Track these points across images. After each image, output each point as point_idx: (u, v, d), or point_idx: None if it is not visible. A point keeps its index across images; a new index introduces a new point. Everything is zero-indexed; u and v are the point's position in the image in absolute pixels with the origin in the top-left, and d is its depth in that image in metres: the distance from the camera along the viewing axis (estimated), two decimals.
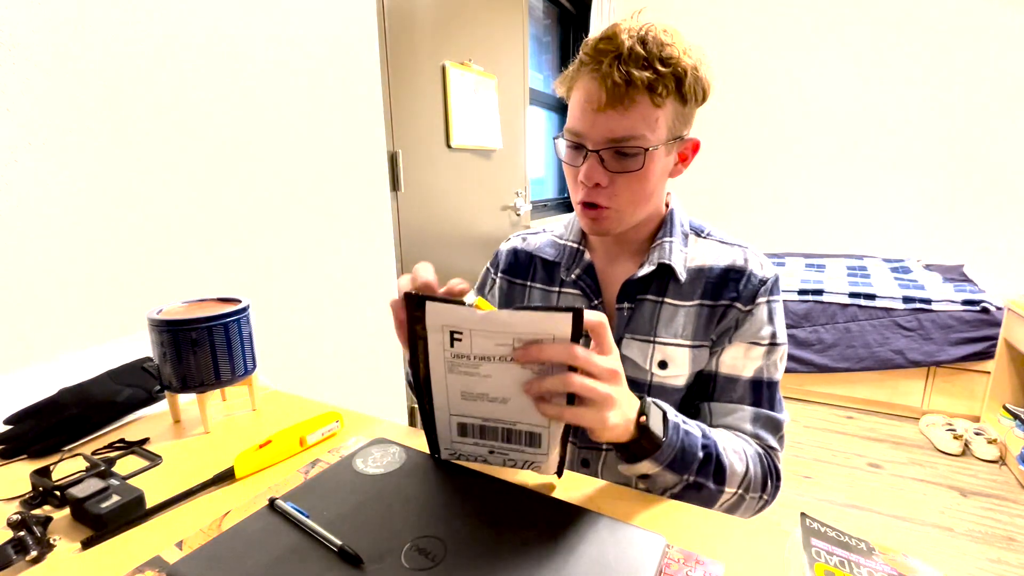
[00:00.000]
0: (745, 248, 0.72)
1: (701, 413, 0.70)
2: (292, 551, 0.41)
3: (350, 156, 1.32)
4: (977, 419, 2.38)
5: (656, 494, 0.61)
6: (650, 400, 0.55)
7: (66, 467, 0.57)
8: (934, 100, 2.95)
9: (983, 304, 2.34)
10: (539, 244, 0.82)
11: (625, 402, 0.50)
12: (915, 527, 1.78)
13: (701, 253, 0.72)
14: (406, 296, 0.44)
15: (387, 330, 1.50)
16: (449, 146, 1.77)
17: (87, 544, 0.45)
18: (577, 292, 0.76)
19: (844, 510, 1.87)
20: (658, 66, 0.59)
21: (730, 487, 0.60)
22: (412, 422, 1.70)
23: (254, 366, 0.70)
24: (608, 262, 0.76)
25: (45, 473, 0.55)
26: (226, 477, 0.54)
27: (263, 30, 1.07)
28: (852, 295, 2.54)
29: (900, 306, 2.45)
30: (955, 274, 2.80)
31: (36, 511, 0.49)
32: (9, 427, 0.63)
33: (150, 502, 0.50)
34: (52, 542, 0.46)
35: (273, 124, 1.11)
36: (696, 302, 0.70)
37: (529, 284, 0.80)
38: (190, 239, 0.97)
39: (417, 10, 1.58)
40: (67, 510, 0.50)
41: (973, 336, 2.34)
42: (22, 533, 0.44)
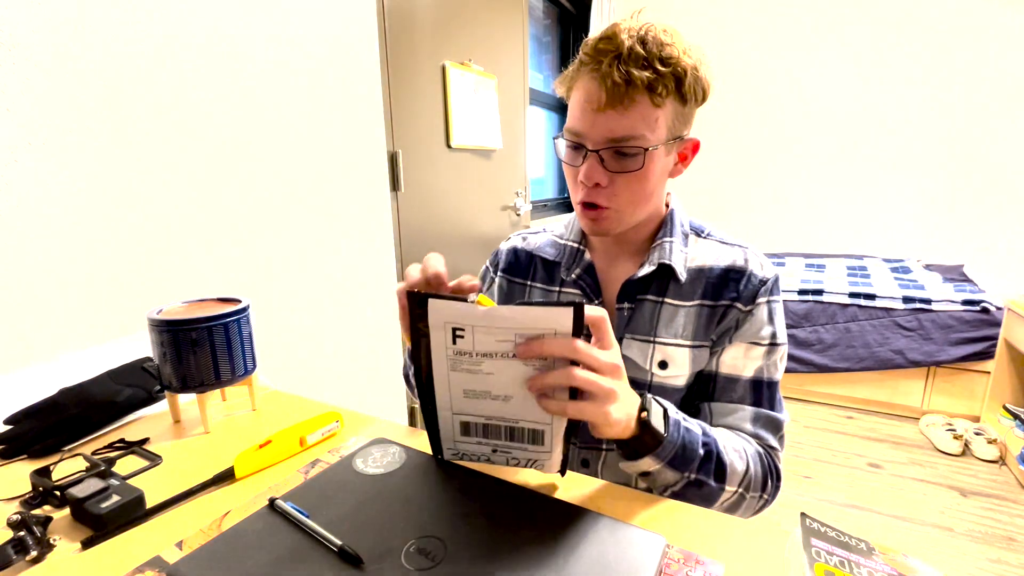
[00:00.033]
0: (745, 248, 0.72)
1: (701, 413, 0.70)
2: (292, 551, 0.41)
3: (350, 156, 1.32)
4: (977, 419, 2.38)
5: (657, 493, 0.61)
6: (651, 397, 0.55)
7: (66, 467, 0.57)
8: (934, 100, 2.95)
9: (983, 304, 2.34)
10: (539, 244, 0.82)
11: (627, 397, 0.50)
12: (915, 527, 1.78)
13: (701, 253, 0.72)
14: (408, 294, 0.44)
15: (387, 330, 1.50)
16: (449, 146, 1.77)
17: (87, 544, 0.45)
18: (577, 292, 0.76)
19: (844, 510, 1.87)
20: (658, 66, 0.59)
21: (730, 486, 0.60)
22: (412, 422, 1.70)
23: (254, 366, 0.70)
24: (608, 262, 0.76)
25: (45, 473, 0.55)
26: (226, 477, 0.54)
27: (263, 30, 1.07)
28: (852, 295, 2.54)
29: (900, 306, 2.45)
30: (955, 274, 2.80)
31: (36, 511, 0.49)
32: (9, 427, 0.63)
33: (150, 502, 0.50)
34: (52, 542, 0.46)
35: (273, 124, 1.11)
36: (696, 302, 0.70)
37: (529, 283, 0.80)
38: (190, 239, 0.97)
39: (417, 10, 1.58)
40: (67, 510, 0.50)
41: (973, 336, 2.34)
42: (22, 533, 0.44)
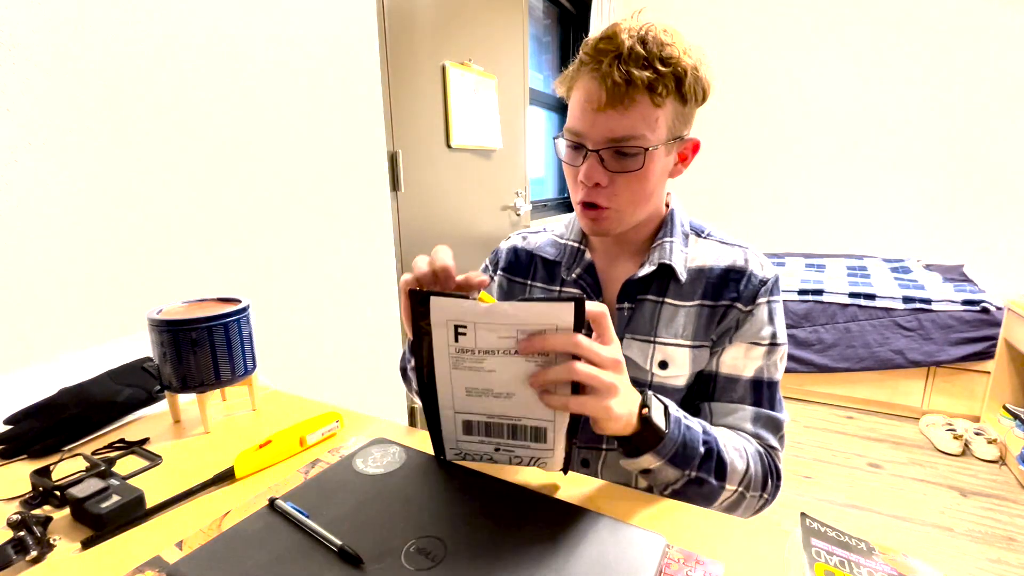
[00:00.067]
0: (745, 248, 0.72)
1: (701, 413, 0.70)
2: (292, 551, 0.41)
3: (350, 156, 1.32)
4: (977, 419, 2.38)
5: (658, 492, 0.61)
6: (651, 393, 0.56)
7: (66, 467, 0.57)
8: (934, 100, 2.95)
9: (983, 304, 2.34)
10: (540, 243, 0.82)
11: (628, 393, 0.50)
12: (915, 527, 1.78)
13: (701, 253, 0.72)
14: (411, 293, 0.44)
15: (387, 330, 1.50)
16: (449, 146, 1.77)
17: (87, 544, 0.45)
18: (577, 292, 0.76)
19: (844, 510, 1.87)
20: (658, 66, 0.59)
21: (731, 484, 0.60)
22: (412, 422, 1.70)
23: (254, 366, 0.70)
24: (609, 262, 0.76)
25: (45, 473, 0.55)
26: (226, 477, 0.54)
27: (263, 30, 1.07)
28: (852, 295, 2.54)
29: (900, 306, 2.45)
30: (955, 274, 2.80)
31: (36, 511, 0.49)
32: (9, 427, 0.63)
33: (150, 502, 0.50)
34: (52, 542, 0.46)
35: (273, 124, 1.11)
36: (696, 302, 0.70)
37: (529, 283, 0.80)
38: (190, 239, 0.97)
39: (417, 10, 1.58)
40: (67, 510, 0.50)
41: (973, 336, 2.34)
42: (22, 533, 0.44)
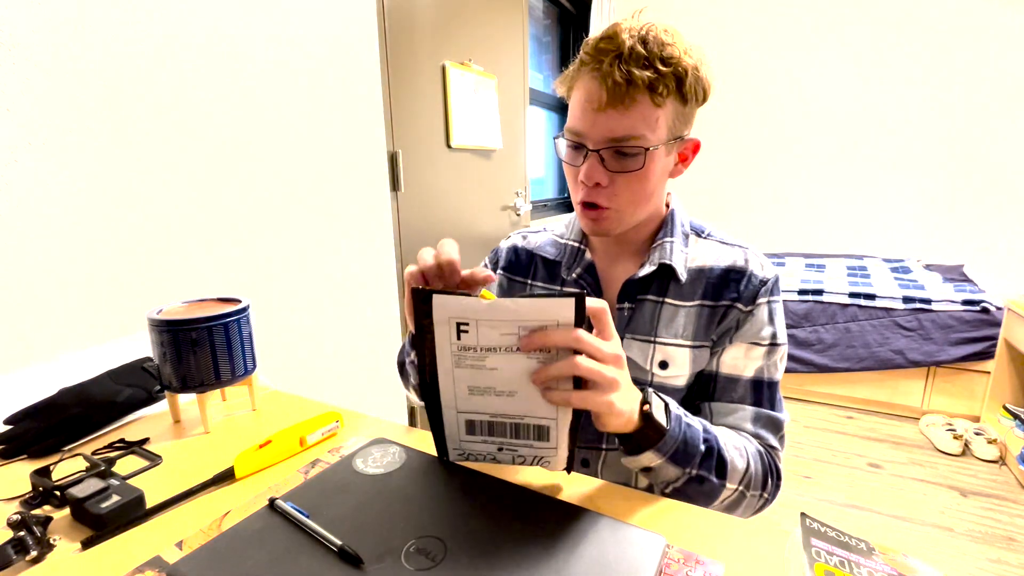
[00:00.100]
0: (745, 249, 0.72)
1: (702, 413, 0.70)
2: (292, 551, 0.41)
3: (350, 156, 1.32)
4: (977, 419, 2.38)
5: (658, 491, 0.61)
6: (652, 390, 0.56)
7: (66, 467, 0.57)
8: (934, 100, 2.95)
9: (983, 304, 2.34)
10: (540, 243, 0.82)
11: (629, 389, 0.50)
12: (915, 527, 1.78)
13: (702, 253, 0.72)
14: (413, 291, 0.45)
15: (387, 330, 1.50)
16: (449, 146, 1.77)
17: (87, 544, 0.45)
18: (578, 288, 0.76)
19: (844, 510, 1.87)
20: (659, 66, 0.59)
21: (731, 483, 0.60)
22: (412, 422, 1.70)
23: (254, 366, 0.70)
24: (609, 262, 0.76)
25: (45, 473, 0.55)
26: (226, 477, 0.54)
27: (263, 30, 1.07)
28: (852, 295, 2.54)
29: (900, 306, 2.45)
30: (955, 274, 2.80)
31: (36, 511, 0.49)
32: (9, 427, 0.63)
33: (150, 502, 0.50)
34: (52, 542, 0.46)
35: (273, 124, 1.11)
36: (697, 302, 0.70)
37: (530, 282, 0.80)
38: (190, 239, 0.97)
39: (417, 10, 1.58)
40: (67, 510, 0.50)
41: (973, 336, 2.34)
42: (22, 533, 0.44)
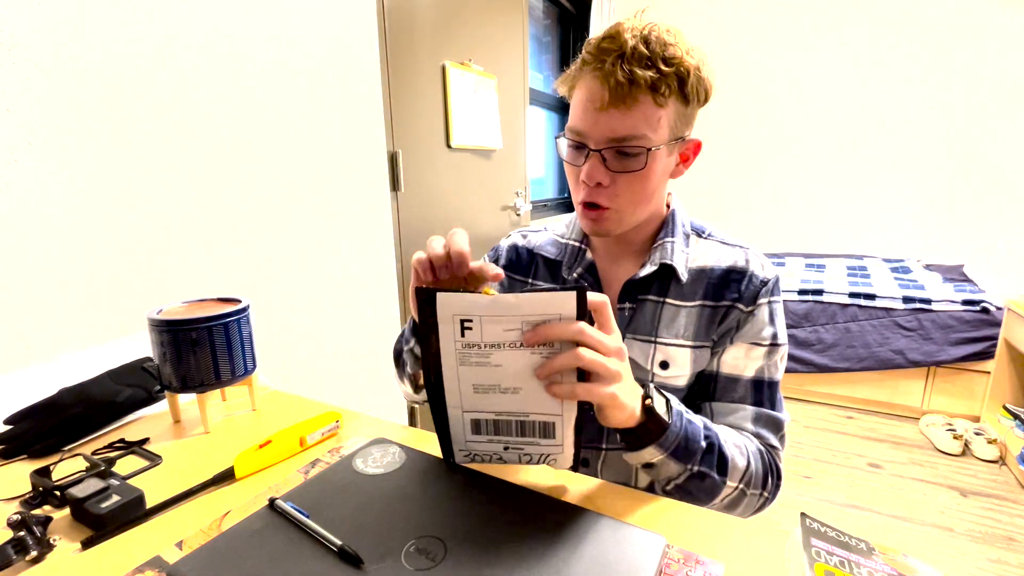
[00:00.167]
0: (746, 249, 0.72)
1: (702, 412, 0.70)
2: (292, 551, 0.41)
3: (350, 156, 1.32)
4: (977, 419, 2.38)
5: (659, 489, 0.61)
6: (653, 386, 0.56)
7: (66, 467, 0.57)
8: (934, 100, 2.95)
9: (983, 304, 2.34)
10: (540, 242, 0.82)
11: (632, 383, 0.51)
12: (915, 527, 1.78)
13: (702, 254, 0.72)
14: (416, 291, 0.45)
15: (387, 330, 1.50)
16: (449, 146, 1.77)
17: (87, 544, 0.45)
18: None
19: (844, 510, 1.87)
20: (661, 66, 0.59)
21: (732, 480, 0.60)
22: (412, 422, 1.70)
23: (254, 366, 0.70)
24: (610, 262, 0.76)
25: (45, 473, 0.55)
26: (226, 477, 0.54)
27: (263, 30, 1.07)
28: (852, 295, 2.54)
29: (900, 306, 2.45)
30: (955, 274, 2.80)
31: (36, 511, 0.49)
32: (9, 427, 0.63)
33: (150, 502, 0.50)
34: (52, 542, 0.46)
35: (273, 124, 1.11)
36: (697, 303, 0.70)
37: (530, 281, 0.80)
38: (190, 239, 0.97)
39: (417, 10, 1.58)
40: (67, 510, 0.50)
41: (973, 336, 2.34)
42: (22, 533, 0.44)
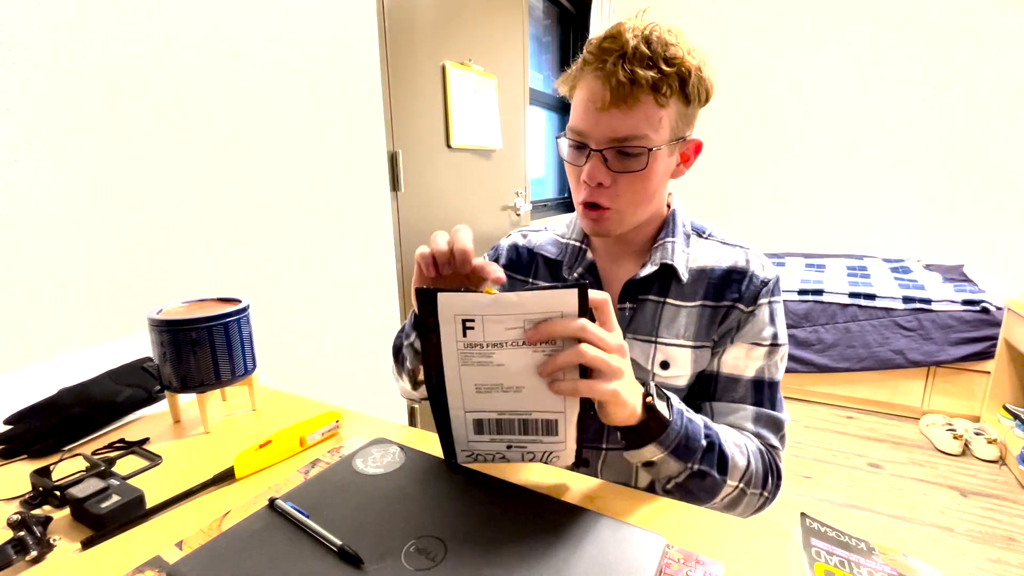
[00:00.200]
0: (747, 249, 0.72)
1: (703, 412, 0.70)
2: (292, 551, 0.41)
3: (350, 156, 1.32)
4: (977, 419, 2.38)
5: (659, 488, 0.61)
6: (654, 384, 0.56)
7: (66, 467, 0.57)
8: (934, 100, 2.95)
9: (983, 304, 2.34)
10: (541, 242, 0.82)
11: (633, 380, 0.51)
12: (915, 527, 1.78)
13: (703, 254, 0.72)
14: (417, 291, 0.45)
15: (387, 330, 1.50)
16: (449, 146, 1.77)
17: (87, 544, 0.45)
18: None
19: (844, 510, 1.87)
20: (662, 66, 0.59)
21: (732, 479, 0.60)
22: (412, 422, 1.70)
23: (254, 366, 0.70)
24: (610, 262, 0.76)
25: (45, 473, 0.55)
26: (226, 477, 0.54)
27: (263, 30, 1.07)
28: (852, 295, 2.54)
29: (900, 306, 2.45)
30: (955, 274, 2.80)
31: (36, 511, 0.49)
32: (9, 427, 0.63)
33: (150, 502, 0.50)
34: (52, 542, 0.46)
35: (273, 124, 1.11)
36: (698, 303, 0.70)
37: (531, 281, 0.80)
38: (190, 239, 0.97)
39: (417, 10, 1.58)
40: (67, 510, 0.50)
41: (973, 336, 2.34)
42: (22, 533, 0.44)
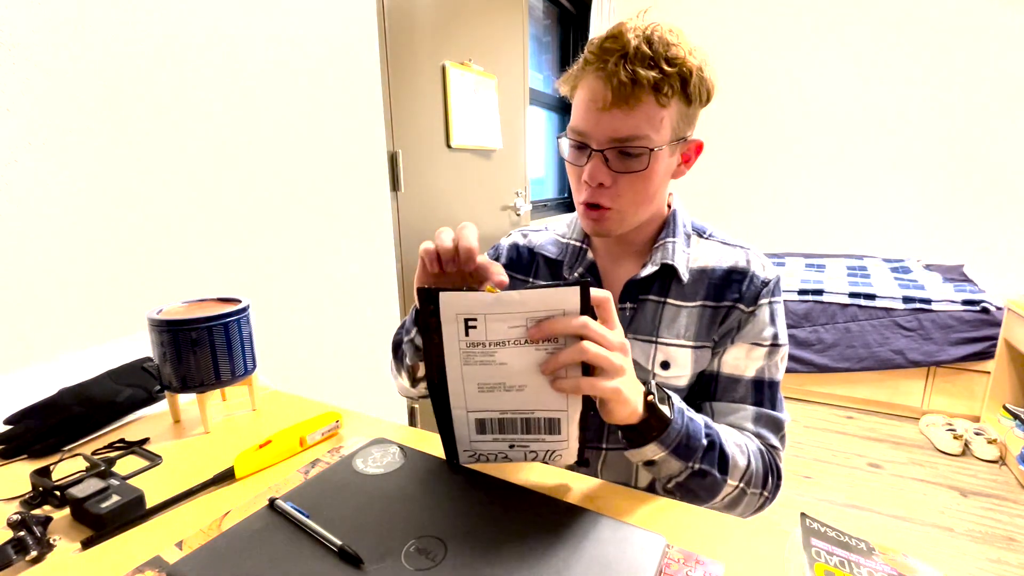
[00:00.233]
0: (747, 249, 0.72)
1: (703, 412, 0.70)
2: (292, 551, 0.41)
3: (350, 156, 1.32)
4: (977, 419, 2.38)
5: (660, 488, 0.61)
6: (655, 383, 0.56)
7: (66, 467, 0.57)
8: (934, 100, 2.95)
9: (983, 304, 2.34)
10: (541, 242, 0.82)
11: (634, 378, 0.51)
12: (915, 527, 1.78)
13: (703, 254, 0.72)
14: (419, 291, 0.45)
15: (387, 330, 1.49)
16: (449, 146, 1.77)
17: (87, 544, 0.45)
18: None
19: (844, 510, 1.87)
20: (664, 66, 0.59)
21: (732, 479, 0.60)
22: (412, 422, 1.70)
23: (254, 366, 0.70)
24: (611, 262, 0.75)
25: (45, 473, 0.55)
26: (226, 477, 0.54)
27: (263, 30, 1.07)
28: (852, 295, 2.54)
29: (900, 306, 2.45)
30: (955, 274, 2.80)
31: (36, 511, 0.49)
32: (9, 427, 0.63)
33: (150, 502, 0.50)
34: (52, 542, 0.46)
35: (273, 124, 1.11)
36: (699, 303, 0.70)
37: (531, 280, 0.80)
38: (190, 239, 0.97)
39: (417, 10, 1.58)
40: (67, 510, 0.50)
41: (973, 336, 2.34)
42: (22, 533, 0.44)
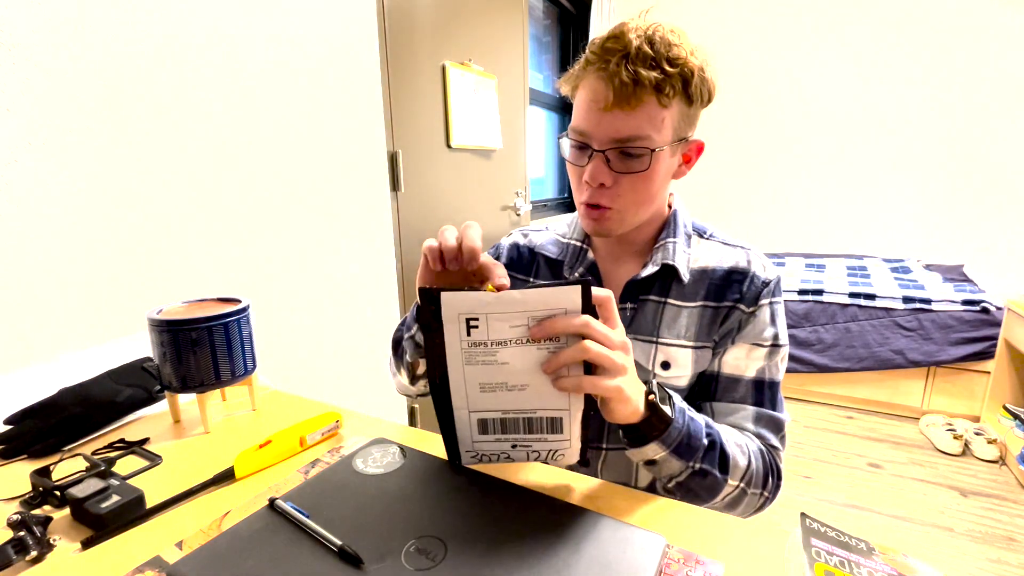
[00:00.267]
0: (748, 250, 0.73)
1: (703, 412, 0.70)
2: (292, 551, 0.41)
3: (350, 156, 1.32)
4: (977, 419, 2.38)
5: (660, 488, 0.61)
6: (656, 382, 0.56)
7: (66, 467, 0.57)
8: (934, 100, 2.95)
9: (983, 304, 2.34)
10: (542, 242, 0.82)
11: (635, 377, 0.51)
12: (915, 527, 1.78)
13: (704, 254, 0.72)
14: (420, 291, 0.45)
15: (387, 330, 1.49)
16: (449, 146, 1.77)
17: (87, 544, 0.45)
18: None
19: (844, 510, 1.87)
20: (665, 66, 0.59)
21: (733, 479, 0.60)
22: (412, 422, 1.70)
23: (254, 366, 0.70)
24: (611, 262, 0.75)
25: (45, 473, 0.55)
26: (226, 477, 0.54)
27: (263, 30, 1.07)
28: (852, 295, 2.54)
29: (900, 306, 2.45)
30: (955, 274, 2.80)
31: (36, 511, 0.49)
32: (9, 427, 0.63)
33: (150, 502, 0.50)
34: (52, 542, 0.46)
35: (273, 124, 1.11)
36: (699, 303, 0.70)
37: (532, 280, 0.80)
38: (190, 239, 0.97)
39: (417, 10, 1.58)
40: (67, 510, 0.50)
41: (973, 336, 2.34)
42: (22, 533, 0.44)
